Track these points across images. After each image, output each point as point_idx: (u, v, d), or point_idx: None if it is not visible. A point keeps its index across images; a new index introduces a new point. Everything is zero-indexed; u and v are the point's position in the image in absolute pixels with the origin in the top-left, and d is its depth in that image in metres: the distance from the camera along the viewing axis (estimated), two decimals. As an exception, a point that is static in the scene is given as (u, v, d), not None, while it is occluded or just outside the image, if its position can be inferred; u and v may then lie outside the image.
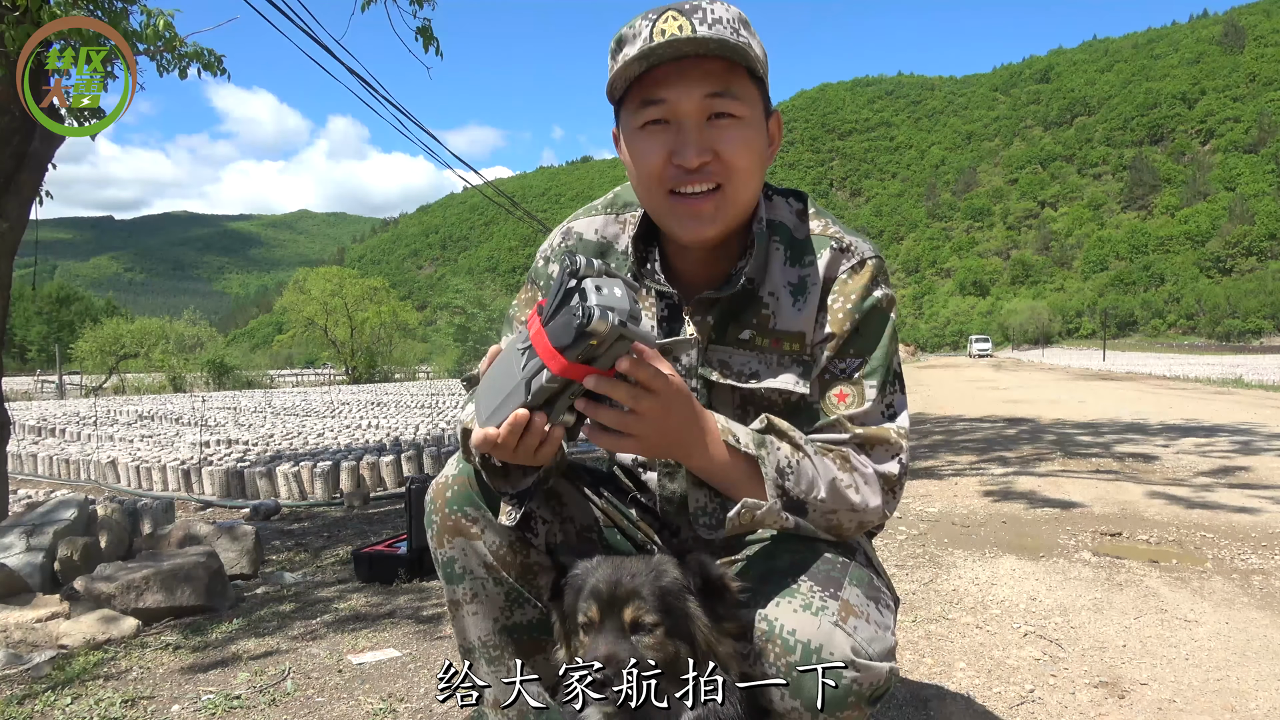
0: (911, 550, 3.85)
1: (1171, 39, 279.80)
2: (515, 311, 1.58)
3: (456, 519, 1.40)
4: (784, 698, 1.15)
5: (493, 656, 1.54)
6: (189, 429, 12.14)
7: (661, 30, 1.21)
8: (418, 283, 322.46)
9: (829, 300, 1.36)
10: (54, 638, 2.81)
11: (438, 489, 1.43)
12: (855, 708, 1.14)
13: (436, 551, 1.45)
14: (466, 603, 1.48)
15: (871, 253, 1.39)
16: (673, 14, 1.22)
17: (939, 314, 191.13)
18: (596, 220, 1.52)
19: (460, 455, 1.43)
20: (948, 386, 21.74)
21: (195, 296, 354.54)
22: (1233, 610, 2.88)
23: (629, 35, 1.25)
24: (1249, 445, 7.57)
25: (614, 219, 1.51)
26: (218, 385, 40.61)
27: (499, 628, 1.51)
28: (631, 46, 1.24)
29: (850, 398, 1.34)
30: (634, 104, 1.29)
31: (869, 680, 1.13)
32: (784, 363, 1.38)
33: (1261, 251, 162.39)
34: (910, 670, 2.38)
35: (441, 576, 1.48)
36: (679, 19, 1.21)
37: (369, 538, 4.60)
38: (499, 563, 1.43)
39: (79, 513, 3.68)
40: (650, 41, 1.21)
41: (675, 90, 1.24)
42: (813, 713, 1.13)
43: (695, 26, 1.20)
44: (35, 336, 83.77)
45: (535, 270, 1.56)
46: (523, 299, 1.57)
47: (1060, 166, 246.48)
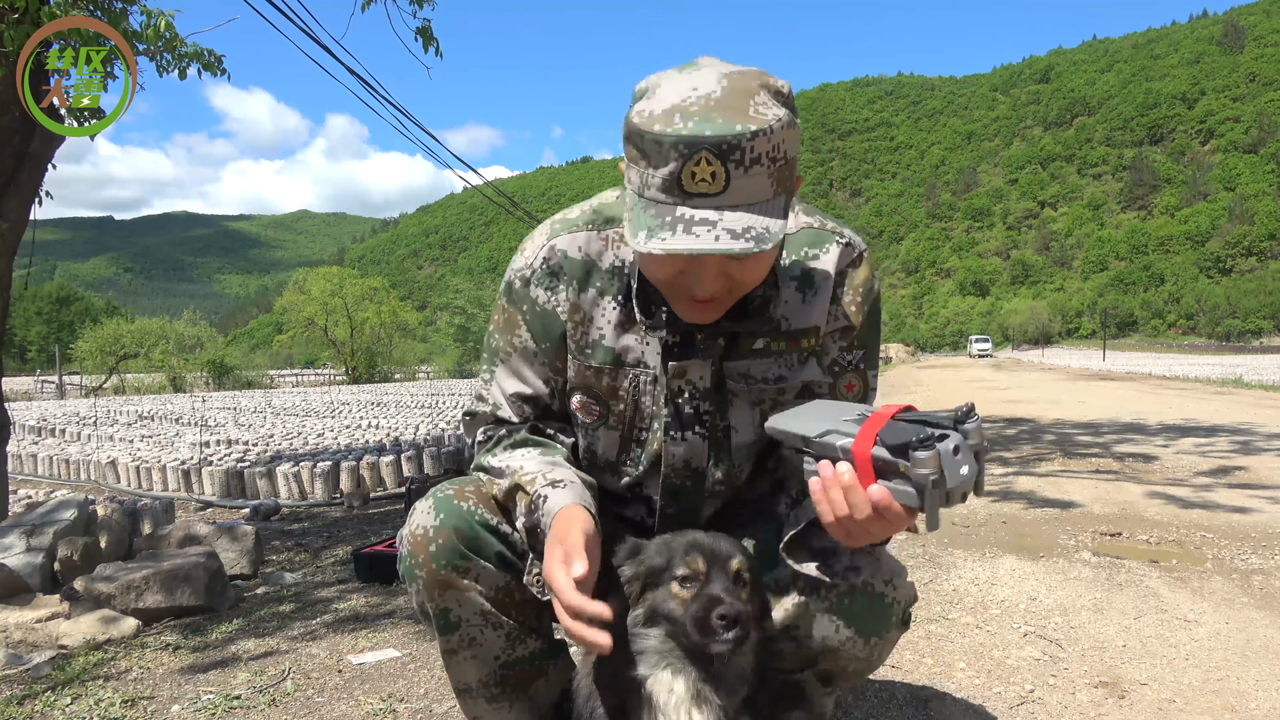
0: (911, 550, 3.84)
1: (1171, 39, 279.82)
2: (499, 342, 1.48)
3: (446, 575, 1.37)
4: (838, 630, 1.36)
5: (493, 694, 1.52)
6: (189, 429, 12.14)
7: (692, 174, 1.10)
8: (418, 283, 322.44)
9: (841, 294, 1.40)
10: (54, 638, 2.81)
11: (417, 542, 1.37)
12: (895, 629, 1.40)
13: (426, 605, 1.41)
14: (464, 649, 1.46)
15: (863, 243, 1.45)
16: (707, 156, 1.09)
17: (939, 314, 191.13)
18: (579, 237, 1.42)
19: (433, 505, 1.38)
20: (948, 387, 21.74)
21: (195, 297, 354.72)
22: (1233, 610, 2.88)
23: (657, 133, 1.10)
24: (1249, 445, 7.57)
25: (596, 235, 1.41)
26: (218, 385, 40.62)
27: (498, 665, 1.49)
28: (657, 162, 1.11)
29: (857, 387, 1.46)
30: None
31: (904, 597, 1.39)
32: (803, 359, 1.42)
33: (1261, 251, 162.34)
34: (910, 670, 2.38)
35: (435, 628, 1.44)
36: (712, 165, 1.09)
37: (369, 538, 4.60)
38: (497, 607, 1.42)
39: (79, 513, 3.68)
40: (678, 184, 1.11)
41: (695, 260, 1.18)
42: (864, 637, 1.37)
43: (731, 179, 1.09)
44: (35, 336, 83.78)
45: (514, 293, 1.45)
46: (500, 322, 1.48)
47: (1060, 166, 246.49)
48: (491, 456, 1.44)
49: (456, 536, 1.36)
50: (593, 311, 1.41)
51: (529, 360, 1.47)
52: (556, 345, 1.44)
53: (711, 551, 1.23)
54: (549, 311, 1.42)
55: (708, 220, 1.11)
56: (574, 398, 1.46)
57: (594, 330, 1.42)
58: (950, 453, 0.99)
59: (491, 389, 1.51)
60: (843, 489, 1.09)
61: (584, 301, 1.41)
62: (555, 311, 1.42)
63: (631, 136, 1.15)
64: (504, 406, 1.49)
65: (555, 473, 1.34)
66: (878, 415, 1.08)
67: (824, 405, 1.26)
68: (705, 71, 1.14)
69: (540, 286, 1.42)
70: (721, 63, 1.18)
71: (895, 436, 1.03)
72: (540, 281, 1.42)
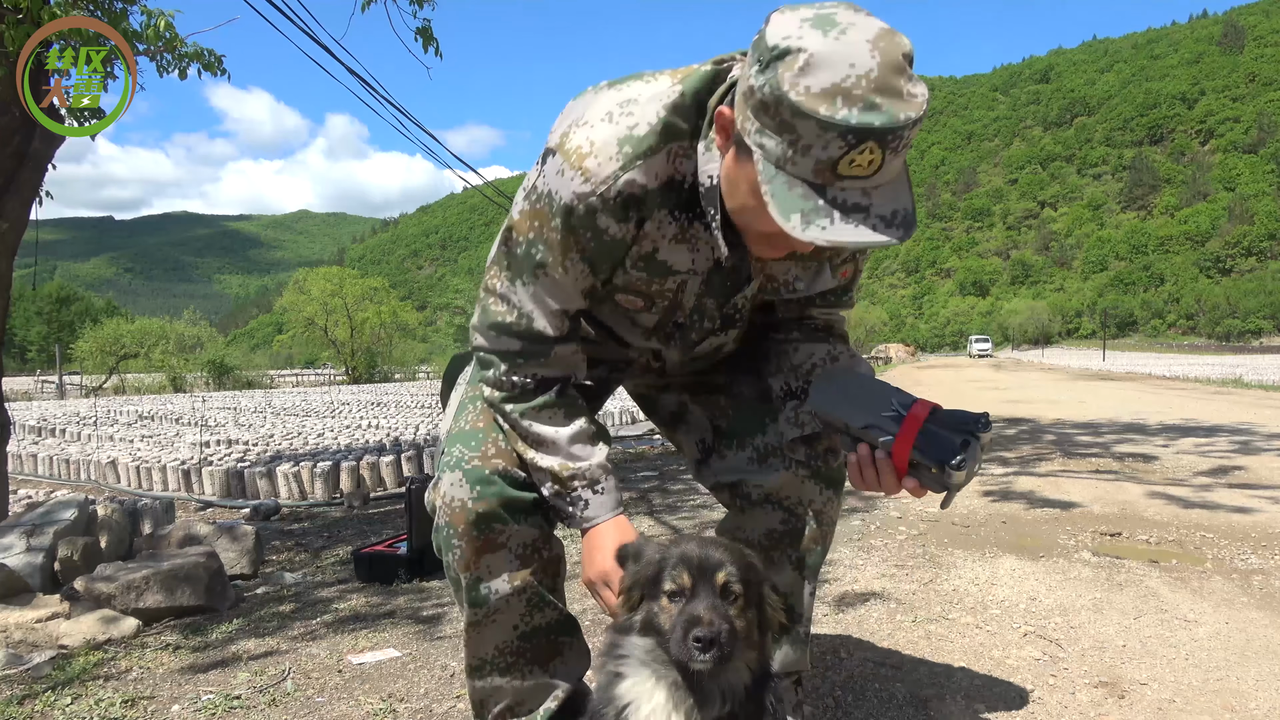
0: (911, 550, 3.85)
1: (1171, 39, 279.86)
2: (544, 256, 1.39)
3: (484, 539, 1.50)
4: (821, 491, 1.64)
5: (507, 664, 1.59)
6: (189, 429, 12.14)
7: (852, 160, 1.08)
8: (418, 283, 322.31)
9: None
10: (54, 638, 2.81)
11: (455, 514, 1.48)
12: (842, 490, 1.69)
13: (460, 575, 1.51)
14: (487, 620, 1.55)
15: None
16: (872, 146, 1.07)
17: (939, 314, 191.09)
18: (655, 164, 1.32)
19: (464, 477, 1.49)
20: (948, 387, 21.75)
21: (195, 297, 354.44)
22: (1233, 610, 2.88)
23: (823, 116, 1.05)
24: (1248, 445, 7.57)
25: (665, 157, 1.33)
26: (218, 385, 40.59)
27: (516, 635, 1.58)
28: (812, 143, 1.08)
29: (850, 273, 1.62)
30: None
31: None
32: (820, 266, 1.55)
33: (1261, 251, 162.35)
34: (910, 670, 2.38)
35: (465, 600, 1.54)
36: (874, 153, 1.08)
37: (369, 538, 4.60)
38: (524, 564, 1.54)
39: (79, 513, 3.68)
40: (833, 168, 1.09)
41: None
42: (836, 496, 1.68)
43: (885, 163, 1.10)
44: (35, 336, 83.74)
45: (575, 218, 1.34)
46: (547, 238, 1.37)
47: (1060, 166, 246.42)
48: (524, 419, 1.49)
49: (494, 505, 1.49)
50: (652, 228, 1.41)
51: (578, 279, 1.43)
52: (614, 266, 1.45)
53: (700, 565, 1.22)
54: (616, 241, 1.39)
55: (859, 206, 1.12)
56: (618, 295, 1.52)
57: (649, 244, 1.43)
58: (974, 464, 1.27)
59: (519, 296, 1.45)
60: (878, 472, 1.35)
61: (648, 224, 1.40)
62: (623, 240, 1.40)
63: (778, 108, 1.08)
64: (540, 319, 1.46)
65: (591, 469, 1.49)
66: (913, 416, 1.31)
67: (859, 385, 1.44)
68: (851, 35, 1.07)
69: (610, 216, 1.35)
70: (853, 9, 1.11)
71: (931, 448, 1.28)
72: (611, 212, 1.34)
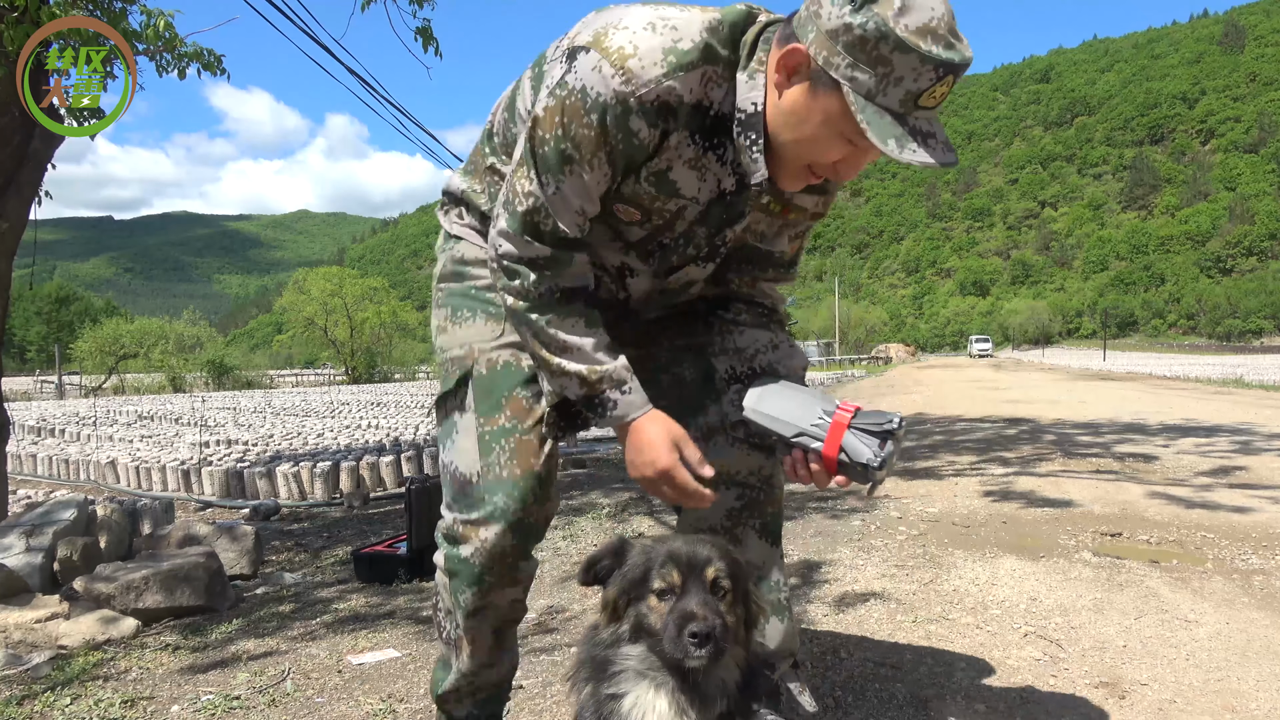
0: (911, 550, 3.84)
1: (1171, 39, 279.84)
2: (573, 152, 1.38)
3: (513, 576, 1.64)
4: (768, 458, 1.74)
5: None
6: (189, 429, 12.14)
7: (934, 93, 1.25)
8: (418, 283, 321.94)
9: (832, 188, 1.63)
10: (53, 638, 2.81)
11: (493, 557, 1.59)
12: None
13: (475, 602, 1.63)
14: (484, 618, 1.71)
15: None
16: (950, 80, 1.24)
17: (939, 314, 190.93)
18: (694, 77, 1.35)
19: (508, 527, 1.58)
20: (948, 386, 21.75)
21: (195, 297, 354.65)
22: (1233, 610, 2.87)
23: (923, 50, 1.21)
24: (1249, 445, 7.57)
25: (700, 75, 1.36)
26: (217, 385, 40.59)
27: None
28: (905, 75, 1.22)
29: (798, 246, 1.74)
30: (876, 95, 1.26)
31: None
32: (783, 230, 1.67)
33: (1262, 251, 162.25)
34: (910, 670, 2.38)
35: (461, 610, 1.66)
36: (948, 87, 1.25)
37: (369, 538, 4.60)
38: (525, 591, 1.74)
39: (79, 513, 3.68)
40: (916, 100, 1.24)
41: None
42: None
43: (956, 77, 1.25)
44: (35, 336, 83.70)
45: (612, 116, 1.34)
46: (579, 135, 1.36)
47: (1060, 166, 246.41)
48: (550, 326, 1.50)
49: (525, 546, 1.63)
50: (673, 145, 1.43)
51: (601, 180, 1.43)
52: (631, 173, 1.46)
53: (689, 561, 1.22)
54: (642, 145, 1.40)
55: (931, 134, 1.27)
56: (618, 205, 1.52)
57: (665, 160, 1.44)
58: (893, 458, 1.46)
59: (547, 194, 1.43)
60: (811, 474, 1.51)
61: (671, 137, 1.42)
62: (647, 145, 1.41)
63: (878, 43, 1.21)
64: (565, 218, 1.45)
65: (617, 370, 1.51)
66: (837, 424, 1.47)
67: (789, 396, 1.57)
68: None
69: (643, 119, 1.36)
70: None
71: (856, 450, 1.45)
72: (646, 115, 1.35)
